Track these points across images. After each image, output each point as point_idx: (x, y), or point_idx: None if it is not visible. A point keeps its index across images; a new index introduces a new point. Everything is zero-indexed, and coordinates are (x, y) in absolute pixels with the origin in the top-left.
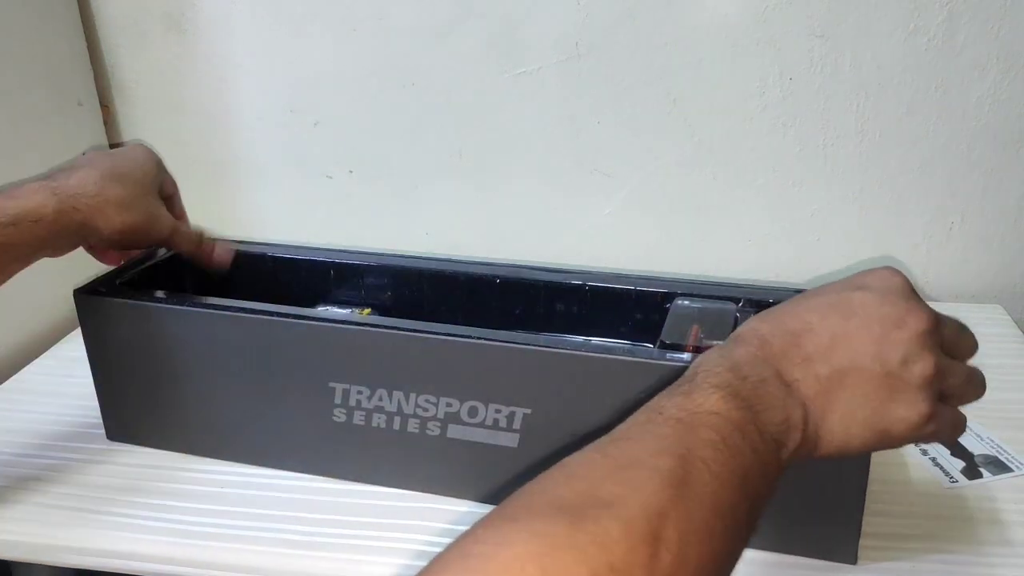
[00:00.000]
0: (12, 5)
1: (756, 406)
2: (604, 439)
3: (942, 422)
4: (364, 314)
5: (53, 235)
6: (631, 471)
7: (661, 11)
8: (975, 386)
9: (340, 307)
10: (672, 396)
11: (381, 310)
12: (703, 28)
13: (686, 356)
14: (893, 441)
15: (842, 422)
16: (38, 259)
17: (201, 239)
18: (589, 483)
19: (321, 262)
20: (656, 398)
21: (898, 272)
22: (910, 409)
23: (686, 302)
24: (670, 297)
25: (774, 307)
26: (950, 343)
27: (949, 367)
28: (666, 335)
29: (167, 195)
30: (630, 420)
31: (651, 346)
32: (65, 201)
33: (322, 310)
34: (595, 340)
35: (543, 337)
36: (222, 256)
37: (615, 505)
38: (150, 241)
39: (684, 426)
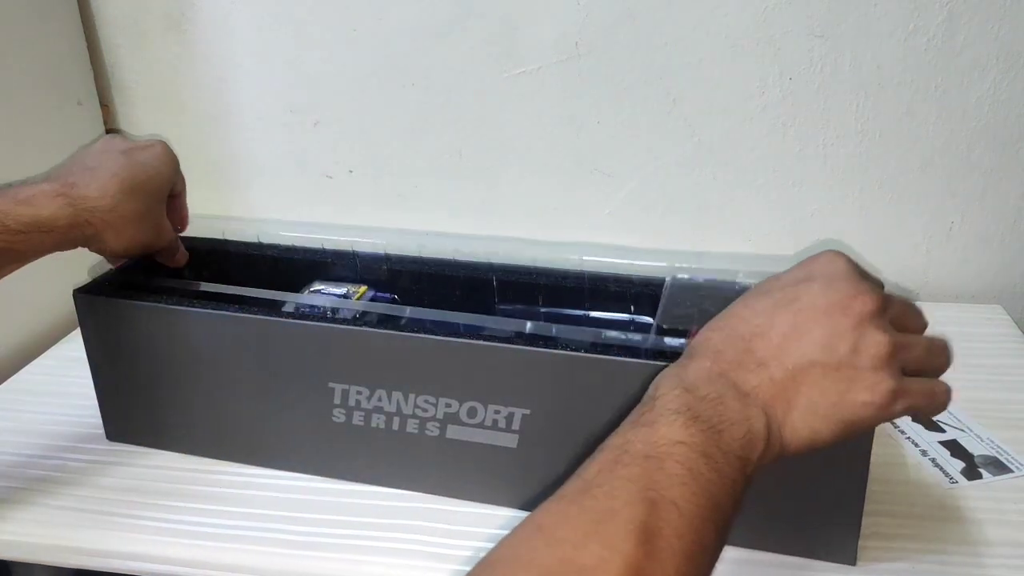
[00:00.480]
0: (12, 5)
1: (718, 425)
2: (576, 485)
3: (914, 395)
4: (360, 293)
5: (61, 242)
6: (607, 526)
7: (661, 11)
8: (938, 354)
9: (335, 285)
10: (637, 428)
11: (377, 287)
12: (703, 28)
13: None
14: (862, 426)
15: (804, 419)
16: (38, 259)
17: (177, 245)
18: (570, 546)
19: (315, 239)
20: (622, 430)
21: (840, 255)
22: (871, 392)
23: (684, 276)
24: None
25: (726, 310)
26: (899, 320)
27: (904, 341)
28: (662, 318)
29: (175, 194)
30: (599, 459)
31: (651, 320)
32: (80, 214)
33: (316, 289)
34: (594, 313)
35: (539, 326)
36: (181, 260)
37: (597, 572)
38: (146, 253)
39: (652, 463)
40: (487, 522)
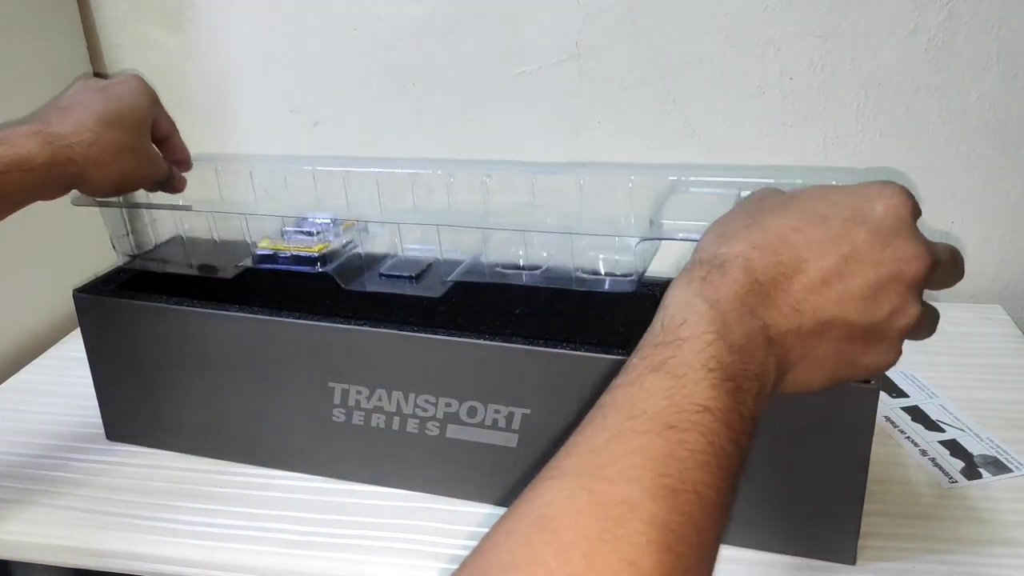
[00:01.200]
0: (12, 5)
1: (743, 384)
2: (585, 460)
3: (895, 363)
4: (347, 226)
5: (45, 183)
6: (625, 529)
7: (661, 11)
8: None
9: (323, 215)
10: (658, 376)
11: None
12: (703, 28)
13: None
14: (853, 380)
15: (808, 370)
16: (29, 204)
17: (171, 171)
18: (581, 556)
19: (306, 171)
20: (638, 373)
21: (906, 198)
22: (881, 357)
23: (690, 189)
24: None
25: (770, 218)
26: (939, 282)
27: (926, 314)
28: (658, 215)
29: (165, 135)
30: (611, 421)
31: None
32: (59, 151)
33: (307, 219)
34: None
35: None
36: (181, 184)
37: None
38: (142, 186)
39: (674, 435)
40: (487, 522)
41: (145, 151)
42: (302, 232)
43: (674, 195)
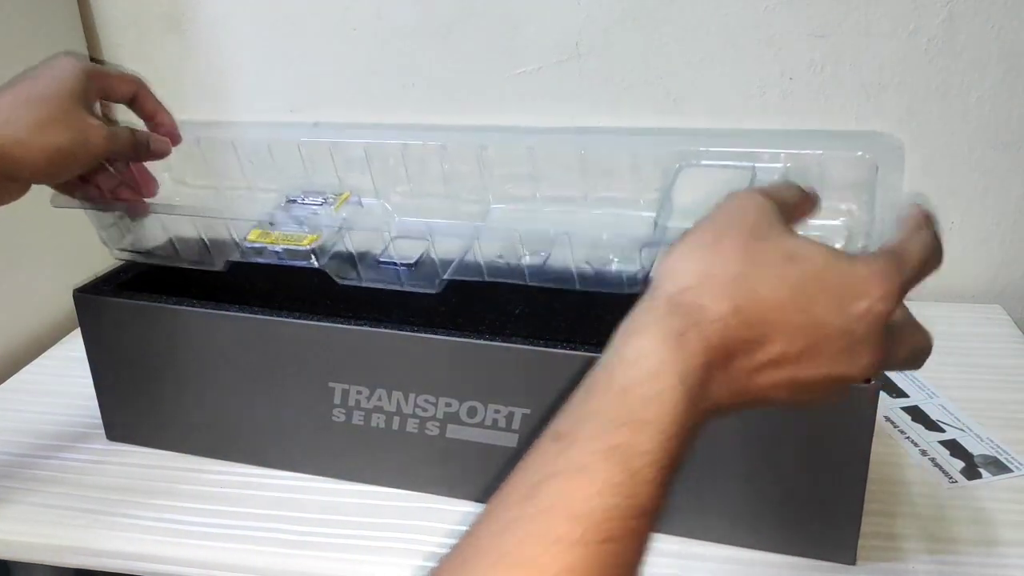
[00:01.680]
0: (12, 5)
1: (676, 475)
2: (514, 571)
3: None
4: (343, 199)
5: None
6: None
7: (661, 11)
8: None
9: (314, 198)
10: (610, 465)
11: (360, 192)
12: (703, 28)
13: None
14: None
15: (734, 408)
16: None
17: (133, 137)
18: None
19: (290, 142)
20: (585, 451)
21: (891, 303)
22: (790, 407)
23: (698, 162)
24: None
25: (759, 276)
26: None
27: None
28: (662, 215)
29: (128, 98)
30: (555, 509)
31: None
32: None
33: (293, 198)
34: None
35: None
36: (159, 147)
37: None
38: (87, 161)
39: (612, 547)
40: None
41: (78, 121)
42: (291, 218)
43: (686, 170)
